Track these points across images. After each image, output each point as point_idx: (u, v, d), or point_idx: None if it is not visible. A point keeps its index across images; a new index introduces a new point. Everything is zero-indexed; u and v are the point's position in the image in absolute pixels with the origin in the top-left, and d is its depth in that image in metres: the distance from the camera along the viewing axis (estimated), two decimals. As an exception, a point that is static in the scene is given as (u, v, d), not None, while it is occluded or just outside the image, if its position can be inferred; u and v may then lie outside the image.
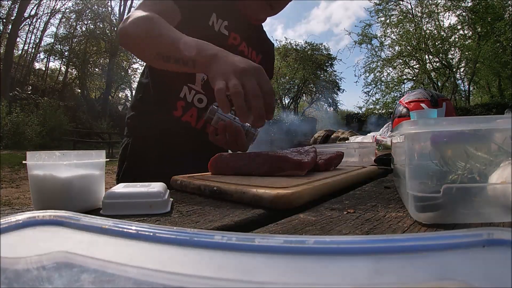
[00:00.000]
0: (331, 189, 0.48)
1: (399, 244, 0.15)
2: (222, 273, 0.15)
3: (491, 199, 0.30)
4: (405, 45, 14.19)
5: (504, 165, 0.30)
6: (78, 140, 9.19)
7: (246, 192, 0.42)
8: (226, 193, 0.45)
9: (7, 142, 9.24)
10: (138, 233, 0.18)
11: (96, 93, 18.42)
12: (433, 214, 0.31)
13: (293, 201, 0.39)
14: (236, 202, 0.43)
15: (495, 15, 11.92)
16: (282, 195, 0.39)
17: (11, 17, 13.90)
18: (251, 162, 0.56)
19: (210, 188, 0.47)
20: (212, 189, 0.47)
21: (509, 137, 0.29)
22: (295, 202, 0.39)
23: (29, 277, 0.14)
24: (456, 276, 0.13)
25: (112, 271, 0.15)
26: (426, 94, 1.38)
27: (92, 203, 0.43)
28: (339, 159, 0.68)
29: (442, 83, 14.02)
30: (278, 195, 0.39)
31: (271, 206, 0.39)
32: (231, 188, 0.44)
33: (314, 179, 0.48)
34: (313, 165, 0.56)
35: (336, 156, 0.66)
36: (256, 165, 0.55)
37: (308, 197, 0.42)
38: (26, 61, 16.03)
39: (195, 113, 0.90)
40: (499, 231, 0.15)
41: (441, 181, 0.30)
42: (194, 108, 0.89)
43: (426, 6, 13.71)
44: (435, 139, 0.32)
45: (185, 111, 0.88)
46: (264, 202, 0.39)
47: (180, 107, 0.88)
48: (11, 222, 0.19)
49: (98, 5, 16.93)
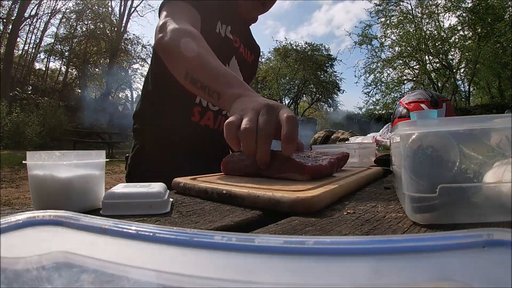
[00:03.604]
0: (346, 192, 0.47)
1: (399, 245, 0.15)
2: (222, 273, 0.15)
3: (487, 199, 0.30)
4: (405, 46, 14.20)
5: (499, 164, 0.30)
6: (78, 140, 9.17)
7: (260, 196, 0.40)
8: (237, 197, 0.42)
9: (7, 142, 9.23)
10: (138, 233, 0.18)
11: (96, 93, 18.43)
12: (429, 214, 0.31)
13: (314, 205, 0.37)
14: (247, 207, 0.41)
15: (495, 16, 11.93)
16: (303, 199, 0.37)
17: (11, 17, 13.90)
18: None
19: (218, 192, 0.45)
20: (221, 193, 0.45)
21: (505, 137, 0.29)
22: (316, 206, 0.37)
23: (29, 277, 0.14)
24: (456, 277, 0.13)
25: (112, 271, 0.15)
26: (426, 94, 1.38)
27: (92, 203, 0.43)
28: (345, 160, 0.67)
29: (442, 83, 14.02)
30: (298, 199, 0.37)
31: (291, 211, 0.37)
32: (243, 192, 0.42)
33: (327, 182, 0.46)
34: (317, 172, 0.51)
35: (342, 157, 0.65)
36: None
37: (328, 200, 0.40)
38: (26, 61, 16.03)
39: (211, 115, 0.93)
40: (499, 231, 0.15)
41: (437, 182, 0.30)
42: (210, 112, 0.93)
43: (426, 6, 13.72)
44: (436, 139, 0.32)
45: (202, 116, 0.91)
46: (282, 207, 0.37)
47: (197, 112, 0.91)
48: (11, 222, 0.19)
49: (98, 5, 16.94)
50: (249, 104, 0.52)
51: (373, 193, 0.50)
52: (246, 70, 1.02)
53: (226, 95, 0.59)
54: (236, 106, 0.55)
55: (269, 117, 0.48)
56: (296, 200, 0.37)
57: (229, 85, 0.60)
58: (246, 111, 0.50)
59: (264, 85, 19.23)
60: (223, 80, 0.61)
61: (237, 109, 0.53)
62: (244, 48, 1.01)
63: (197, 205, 0.43)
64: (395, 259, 0.14)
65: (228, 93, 0.59)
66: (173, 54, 0.69)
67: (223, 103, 0.60)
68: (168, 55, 0.71)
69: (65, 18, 16.72)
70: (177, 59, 0.69)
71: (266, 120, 0.48)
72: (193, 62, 0.66)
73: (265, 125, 0.48)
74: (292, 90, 19.04)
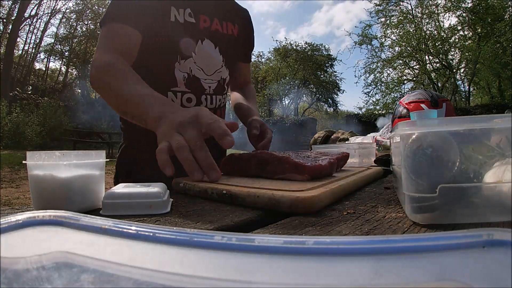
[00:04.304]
0: (346, 192, 0.47)
1: (399, 245, 0.15)
2: (222, 273, 0.15)
3: (487, 199, 0.30)
4: (405, 46, 14.20)
5: (499, 164, 0.30)
6: (78, 140, 9.17)
7: (260, 196, 0.40)
8: (238, 197, 0.43)
9: (7, 142, 9.24)
10: (138, 233, 0.18)
11: (96, 93, 18.37)
12: (429, 214, 0.31)
13: (313, 205, 0.37)
14: (247, 207, 0.41)
15: (495, 16, 11.93)
16: (303, 199, 0.37)
17: (11, 17, 13.91)
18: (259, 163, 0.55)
19: (218, 192, 0.45)
20: (221, 193, 0.45)
21: (505, 136, 0.29)
22: (315, 206, 0.37)
23: (29, 277, 0.14)
24: (456, 277, 0.13)
25: (112, 271, 0.15)
26: (426, 94, 1.38)
27: (92, 203, 0.43)
28: (345, 160, 0.67)
29: (442, 83, 14.02)
30: (298, 199, 0.37)
31: (291, 211, 0.37)
32: (243, 192, 0.42)
33: (327, 182, 0.46)
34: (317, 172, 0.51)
35: (342, 157, 0.65)
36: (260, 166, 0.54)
37: (328, 200, 0.40)
38: (26, 61, 16.04)
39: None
40: (499, 231, 0.15)
41: (437, 182, 0.30)
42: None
43: (426, 6, 13.72)
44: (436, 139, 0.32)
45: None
46: (282, 207, 0.37)
47: None
48: (11, 222, 0.19)
49: (98, 5, 16.92)
50: (170, 126, 0.55)
51: (373, 193, 0.50)
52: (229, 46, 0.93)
53: (149, 120, 0.62)
54: (160, 132, 0.57)
55: (192, 131, 0.53)
56: (296, 200, 0.37)
57: (150, 108, 0.62)
58: (171, 134, 0.53)
59: (264, 85, 19.24)
60: (143, 105, 0.63)
61: (161, 135, 0.56)
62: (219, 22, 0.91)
63: (197, 205, 0.43)
64: (395, 259, 0.14)
65: (149, 118, 0.61)
66: (101, 91, 0.73)
67: (150, 127, 0.62)
68: (99, 92, 0.74)
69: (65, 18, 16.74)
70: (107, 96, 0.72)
71: (191, 135, 0.52)
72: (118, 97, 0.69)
73: (193, 140, 0.51)
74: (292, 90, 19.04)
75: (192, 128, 0.53)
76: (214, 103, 0.91)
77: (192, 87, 0.86)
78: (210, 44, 0.88)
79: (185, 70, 0.84)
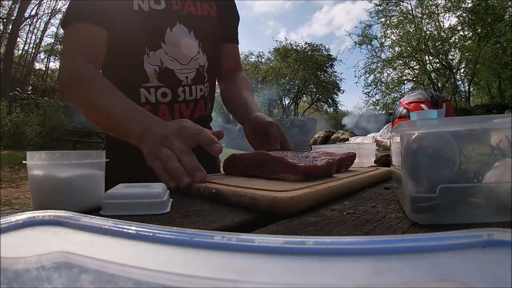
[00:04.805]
0: (336, 194, 0.46)
1: (399, 245, 0.15)
2: (222, 273, 0.15)
3: (487, 199, 0.30)
4: (405, 46, 14.21)
5: (499, 164, 0.30)
6: (78, 140, 9.17)
7: (243, 195, 0.40)
8: (224, 195, 0.43)
9: (7, 142, 9.23)
10: (138, 233, 0.18)
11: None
12: (429, 214, 0.31)
13: (291, 207, 0.36)
14: (234, 206, 0.42)
15: (495, 16, 11.93)
16: (280, 199, 0.36)
17: (11, 17, 13.91)
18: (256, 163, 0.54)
19: (209, 191, 0.46)
20: (211, 191, 0.46)
21: (505, 136, 0.29)
22: (294, 208, 0.37)
23: (29, 277, 0.14)
24: (456, 277, 0.13)
25: (112, 271, 0.15)
26: (426, 95, 1.38)
27: (92, 203, 0.43)
28: (350, 160, 0.64)
29: (442, 84, 14.03)
30: (275, 199, 0.36)
31: (267, 211, 0.37)
32: (229, 191, 0.43)
33: (319, 182, 0.46)
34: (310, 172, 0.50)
35: (346, 157, 0.62)
36: (257, 166, 0.54)
37: (310, 202, 0.39)
38: (26, 61, 16.04)
39: (166, 108, 0.80)
40: (499, 232, 0.15)
41: (437, 182, 0.30)
42: (163, 105, 0.80)
43: (426, 7, 13.73)
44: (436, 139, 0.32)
45: (156, 113, 0.77)
46: (261, 206, 0.37)
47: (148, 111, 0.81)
48: (11, 222, 0.19)
49: (98, 5, 16.92)
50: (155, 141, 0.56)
51: (373, 193, 0.50)
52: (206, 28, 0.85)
53: (131, 135, 0.62)
54: (146, 148, 0.57)
55: (179, 143, 0.55)
56: (273, 201, 0.36)
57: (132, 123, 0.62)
58: (157, 149, 0.55)
59: (264, 85, 19.23)
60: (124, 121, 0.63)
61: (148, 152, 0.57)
62: (193, 3, 0.82)
63: (197, 205, 0.43)
64: (395, 259, 0.14)
65: (132, 133, 0.61)
66: (75, 102, 0.71)
67: (133, 143, 0.62)
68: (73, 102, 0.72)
69: (65, 18, 16.72)
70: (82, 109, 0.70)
71: (177, 146, 0.54)
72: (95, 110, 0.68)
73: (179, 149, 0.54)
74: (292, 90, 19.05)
75: (178, 140, 0.55)
76: (194, 94, 0.83)
77: (166, 81, 0.79)
78: (183, 29, 0.80)
79: (155, 63, 0.77)
